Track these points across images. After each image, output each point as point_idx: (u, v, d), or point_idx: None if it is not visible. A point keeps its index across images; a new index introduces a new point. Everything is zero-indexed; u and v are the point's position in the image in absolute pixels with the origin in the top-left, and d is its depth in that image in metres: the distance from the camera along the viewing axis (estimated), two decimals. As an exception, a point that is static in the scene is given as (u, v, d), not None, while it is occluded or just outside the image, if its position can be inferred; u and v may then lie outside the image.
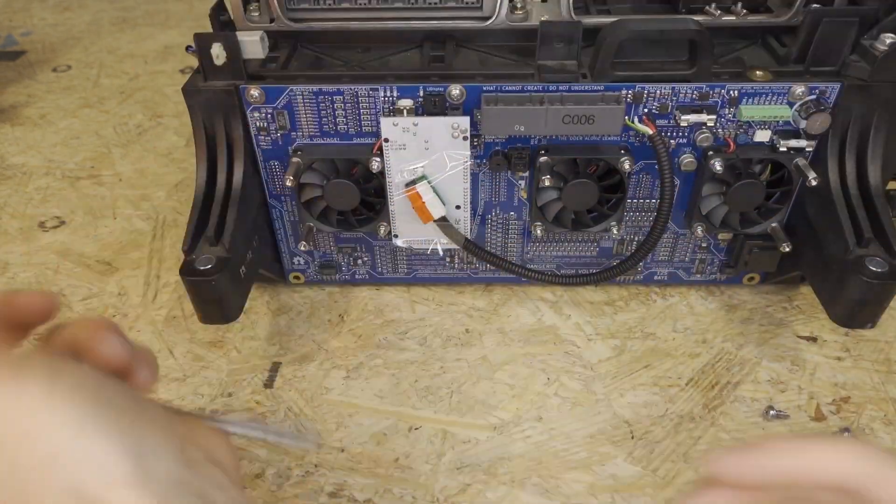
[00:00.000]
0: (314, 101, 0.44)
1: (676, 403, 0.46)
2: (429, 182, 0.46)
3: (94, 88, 0.88)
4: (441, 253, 0.53)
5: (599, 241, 0.52)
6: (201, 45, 0.43)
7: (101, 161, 0.73)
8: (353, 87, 0.44)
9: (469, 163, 0.46)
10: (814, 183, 0.43)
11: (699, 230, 0.49)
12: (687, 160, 0.45)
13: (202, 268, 0.42)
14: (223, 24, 0.48)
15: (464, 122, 0.44)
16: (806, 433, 0.43)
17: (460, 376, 0.49)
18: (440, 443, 0.44)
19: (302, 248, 0.49)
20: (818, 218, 0.46)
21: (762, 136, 0.45)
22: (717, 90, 0.43)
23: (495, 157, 0.46)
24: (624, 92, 0.43)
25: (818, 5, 0.43)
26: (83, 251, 0.61)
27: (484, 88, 0.43)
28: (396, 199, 0.47)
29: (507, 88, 0.43)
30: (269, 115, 0.45)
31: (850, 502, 0.24)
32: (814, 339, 0.51)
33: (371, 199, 0.48)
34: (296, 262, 0.54)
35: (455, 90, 0.43)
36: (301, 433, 0.39)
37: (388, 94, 0.44)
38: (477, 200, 0.49)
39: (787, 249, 0.47)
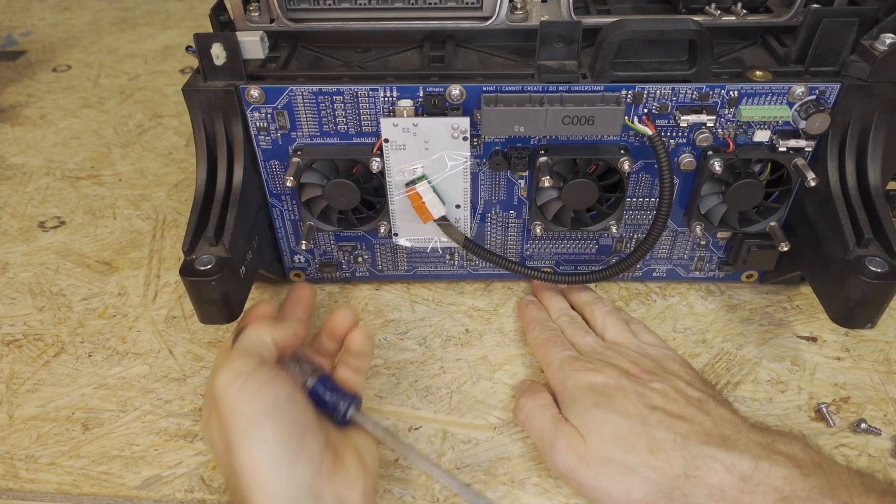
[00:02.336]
0: (314, 101, 0.44)
1: (676, 403, 0.46)
2: (429, 182, 0.46)
3: (94, 88, 0.88)
4: (440, 251, 0.53)
5: (598, 238, 0.52)
6: (201, 45, 0.43)
7: (101, 161, 0.73)
8: (353, 87, 0.44)
9: (469, 163, 0.46)
10: (812, 184, 0.43)
11: (698, 228, 0.49)
12: (686, 160, 0.45)
13: (202, 268, 0.42)
14: (223, 24, 0.48)
15: (464, 122, 0.44)
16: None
17: (460, 376, 0.49)
18: (440, 443, 0.44)
19: (303, 248, 0.49)
20: (818, 218, 0.46)
21: (762, 136, 0.45)
22: (716, 90, 0.43)
23: (495, 157, 0.46)
24: (624, 92, 0.43)
25: (818, 5, 0.43)
26: (83, 251, 0.61)
27: (484, 89, 0.43)
28: (396, 199, 0.48)
29: (506, 89, 0.43)
30: (269, 115, 0.45)
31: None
32: (814, 339, 0.51)
33: (371, 198, 0.48)
34: (296, 261, 0.54)
35: (455, 90, 0.43)
36: (481, 495, 0.38)
37: (388, 94, 0.44)
38: (477, 200, 0.49)
39: (786, 248, 0.48)
